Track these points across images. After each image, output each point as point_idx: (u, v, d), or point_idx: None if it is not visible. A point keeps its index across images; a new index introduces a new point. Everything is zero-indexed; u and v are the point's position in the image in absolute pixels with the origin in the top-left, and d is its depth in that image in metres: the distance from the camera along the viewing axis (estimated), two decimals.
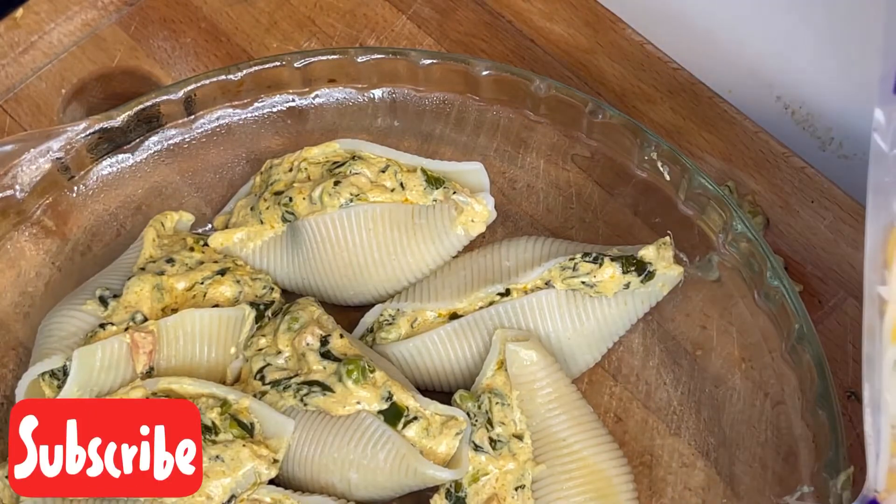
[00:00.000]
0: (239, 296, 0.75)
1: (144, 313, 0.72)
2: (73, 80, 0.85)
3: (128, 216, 0.80)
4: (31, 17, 0.87)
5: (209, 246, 0.77)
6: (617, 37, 0.86)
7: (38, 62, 0.86)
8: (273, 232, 0.76)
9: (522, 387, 0.71)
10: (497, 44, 0.86)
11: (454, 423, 0.70)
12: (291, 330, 0.72)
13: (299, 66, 0.79)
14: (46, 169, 0.77)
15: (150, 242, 0.76)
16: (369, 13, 0.87)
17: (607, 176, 0.79)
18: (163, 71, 0.86)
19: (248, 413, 0.70)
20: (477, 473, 0.69)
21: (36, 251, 0.78)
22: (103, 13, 0.88)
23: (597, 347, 0.74)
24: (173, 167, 0.81)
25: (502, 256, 0.75)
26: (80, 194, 0.79)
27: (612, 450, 0.71)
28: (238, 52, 0.86)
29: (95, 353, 0.70)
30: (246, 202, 0.78)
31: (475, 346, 0.73)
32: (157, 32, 0.87)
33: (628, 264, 0.73)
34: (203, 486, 0.66)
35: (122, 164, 0.80)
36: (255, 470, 0.68)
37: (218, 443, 0.68)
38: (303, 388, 0.70)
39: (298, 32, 0.87)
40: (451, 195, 0.76)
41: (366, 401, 0.69)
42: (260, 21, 0.87)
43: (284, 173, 0.77)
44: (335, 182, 0.74)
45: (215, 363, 0.73)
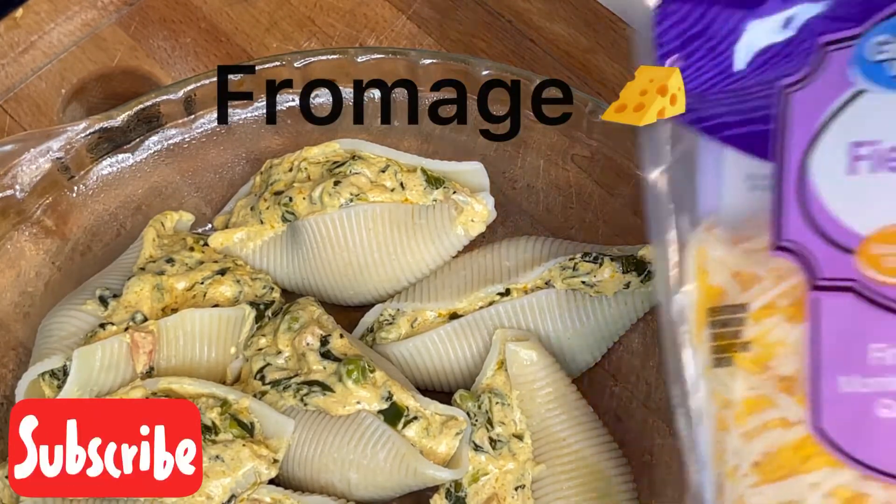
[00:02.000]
0: (239, 296, 0.74)
1: (144, 313, 0.72)
2: (73, 80, 0.85)
3: (128, 216, 0.80)
4: (31, 16, 0.87)
5: (209, 246, 0.77)
6: (617, 37, 0.86)
7: (38, 62, 0.86)
8: (273, 232, 0.76)
9: (522, 387, 0.71)
10: (497, 44, 0.86)
11: (454, 423, 0.70)
12: (291, 330, 0.72)
13: (299, 66, 0.79)
14: (46, 169, 0.77)
15: (150, 242, 0.76)
16: (369, 13, 0.87)
17: (607, 176, 0.79)
18: (163, 71, 0.85)
19: (248, 413, 0.70)
20: (477, 473, 0.69)
21: (36, 251, 0.78)
22: (103, 13, 0.88)
23: (597, 347, 0.74)
24: (173, 167, 0.81)
25: (502, 256, 0.75)
26: (80, 194, 0.79)
27: (612, 450, 0.71)
28: (238, 52, 0.86)
29: (95, 353, 0.70)
30: (246, 202, 0.78)
31: (475, 346, 0.73)
32: (157, 32, 0.87)
33: (628, 264, 0.73)
34: (203, 486, 0.66)
35: (122, 163, 0.80)
36: (255, 470, 0.68)
37: (218, 443, 0.68)
38: (303, 387, 0.70)
39: (298, 32, 0.87)
40: (451, 195, 0.76)
41: (366, 401, 0.69)
42: (260, 21, 0.87)
43: (284, 173, 0.77)
44: (335, 182, 0.74)
45: (215, 363, 0.73)
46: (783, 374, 0.55)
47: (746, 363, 0.56)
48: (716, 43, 0.60)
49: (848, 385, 0.53)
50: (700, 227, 0.59)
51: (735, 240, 0.58)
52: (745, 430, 0.56)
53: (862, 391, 0.53)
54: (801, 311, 0.55)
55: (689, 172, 0.61)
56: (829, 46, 0.57)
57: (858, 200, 0.55)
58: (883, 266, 0.53)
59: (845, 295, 0.54)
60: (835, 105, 0.56)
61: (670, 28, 0.61)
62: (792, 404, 0.55)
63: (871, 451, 0.52)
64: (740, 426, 0.56)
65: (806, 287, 0.55)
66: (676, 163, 0.61)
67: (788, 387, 0.55)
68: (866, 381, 0.53)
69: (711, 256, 0.58)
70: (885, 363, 0.53)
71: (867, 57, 0.56)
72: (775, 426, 0.55)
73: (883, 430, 0.52)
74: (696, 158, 0.61)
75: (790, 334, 0.55)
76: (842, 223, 0.55)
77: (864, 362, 0.53)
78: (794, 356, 0.55)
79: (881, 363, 0.53)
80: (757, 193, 0.58)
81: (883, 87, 0.56)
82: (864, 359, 0.53)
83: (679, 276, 0.59)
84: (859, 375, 0.53)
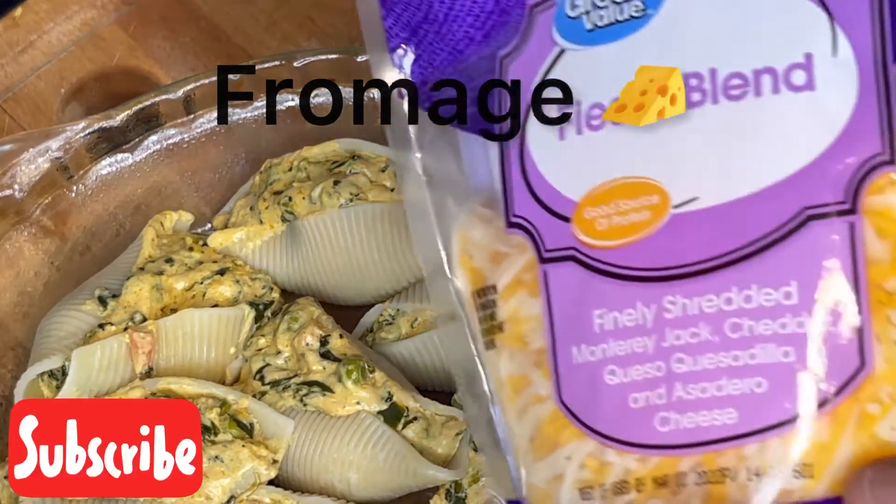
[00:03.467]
0: (238, 296, 0.74)
1: (143, 313, 0.72)
2: (73, 80, 0.85)
3: (127, 216, 0.80)
4: (30, 16, 0.87)
5: (208, 246, 0.77)
6: None
7: (37, 61, 0.86)
8: (273, 232, 0.76)
9: None
10: None
11: (454, 423, 0.70)
12: (291, 330, 0.72)
13: (299, 66, 0.79)
14: (45, 168, 0.76)
15: (150, 242, 0.76)
16: None
17: None
18: (162, 70, 0.85)
19: (248, 413, 0.70)
20: (477, 474, 0.69)
21: (35, 251, 0.78)
22: (102, 12, 0.88)
23: None
24: (173, 167, 0.80)
25: None
26: (80, 194, 0.79)
27: None
28: (238, 52, 0.86)
29: (94, 353, 0.70)
30: (245, 202, 0.78)
31: None
32: (157, 32, 0.87)
33: None
34: (202, 487, 0.66)
35: (121, 163, 0.80)
36: (254, 470, 0.68)
37: (217, 443, 0.68)
38: (302, 388, 0.70)
39: (298, 32, 0.87)
40: None
41: (365, 401, 0.69)
42: (259, 20, 0.87)
43: (284, 173, 0.77)
44: (335, 182, 0.74)
45: (215, 363, 0.73)
46: (536, 349, 0.54)
47: (507, 342, 0.55)
48: (439, 25, 0.59)
49: (579, 355, 0.52)
50: (462, 209, 0.58)
51: (489, 218, 0.57)
52: (516, 410, 0.55)
53: (591, 360, 0.52)
54: (538, 285, 0.54)
55: (444, 154, 0.60)
56: (535, 9, 0.56)
57: (569, 165, 0.53)
58: (596, 230, 0.52)
59: (567, 264, 0.53)
60: (542, 70, 0.55)
61: (397, 19, 0.60)
62: (541, 379, 0.54)
63: (602, 419, 0.51)
64: (512, 406, 0.55)
65: (536, 261, 0.54)
66: (429, 146, 0.60)
67: (539, 362, 0.54)
68: (593, 350, 0.52)
69: (472, 238, 0.57)
70: (606, 329, 0.51)
71: (567, 13, 0.55)
72: (535, 402, 0.54)
73: (610, 396, 0.51)
74: (450, 141, 0.60)
75: (534, 308, 0.54)
76: (559, 191, 0.53)
77: (590, 330, 0.52)
78: (540, 331, 0.54)
79: (603, 329, 0.51)
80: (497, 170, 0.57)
81: (580, 43, 0.54)
82: (590, 327, 0.52)
83: (449, 263, 0.59)
84: (587, 344, 0.52)
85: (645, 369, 0.50)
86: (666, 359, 0.50)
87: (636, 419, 0.50)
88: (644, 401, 0.50)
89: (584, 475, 0.52)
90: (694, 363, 0.49)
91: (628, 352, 0.51)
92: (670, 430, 0.50)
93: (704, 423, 0.49)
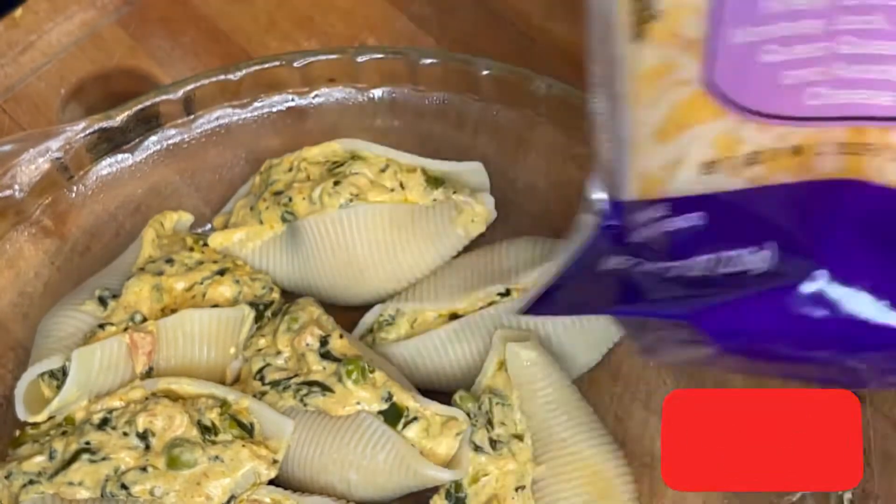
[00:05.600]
0: (238, 296, 0.74)
1: (143, 313, 0.72)
2: (72, 80, 0.85)
3: (127, 216, 0.80)
4: (29, 16, 0.87)
5: (208, 246, 0.77)
6: None
7: (36, 62, 0.86)
8: (273, 232, 0.76)
9: (522, 387, 0.71)
10: (497, 43, 0.86)
11: (454, 423, 0.70)
12: (291, 330, 0.72)
13: (299, 66, 0.79)
14: (45, 169, 0.76)
15: (150, 242, 0.76)
16: (369, 13, 0.87)
17: None
18: (162, 70, 0.85)
19: (248, 413, 0.70)
20: (477, 474, 0.69)
21: (35, 251, 0.78)
22: (102, 13, 0.88)
23: (597, 347, 0.74)
24: (172, 167, 0.80)
25: (502, 256, 0.75)
26: (80, 194, 0.79)
27: (612, 450, 0.71)
28: (237, 52, 0.86)
29: (94, 353, 0.70)
30: (245, 202, 0.78)
31: (475, 346, 0.73)
32: (157, 32, 0.87)
33: None
34: (202, 487, 0.66)
35: (121, 163, 0.80)
36: (254, 470, 0.68)
37: (217, 443, 0.68)
38: (302, 388, 0.70)
39: (298, 32, 0.87)
40: (451, 195, 0.76)
41: (366, 401, 0.69)
42: (259, 20, 0.87)
43: (284, 173, 0.77)
44: (335, 182, 0.74)
45: (215, 363, 0.73)
46: (688, 37, 0.57)
47: (657, 32, 0.58)
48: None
49: (740, 36, 0.55)
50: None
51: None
52: (650, 98, 0.58)
53: (750, 40, 0.55)
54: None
55: None
56: None
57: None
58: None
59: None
60: None
61: None
62: (690, 61, 0.56)
63: (750, 93, 0.55)
64: (646, 96, 0.58)
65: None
66: None
67: (690, 46, 0.57)
68: (756, 31, 0.55)
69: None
70: (775, 10, 0.54)
71: None
72: (675, 86, 0.57)
73: (763, 72, 0.54)
74: None
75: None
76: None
77: (755, 12, 0.55)
78: (698, 18, 0.56)
79: (768, 11, 0.55)
80: None
81: None
82: (755, 8, 0.55)
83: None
84: (750, 25, 0.55)
85: (807, 49, 0.54)
86: (832, 39, 0.53)
87: (787, 94, 0.54)
88: (797, 78, 0.54)
89: (710, 153, 0.55)
90: (862, 46, 0.53)
91: (793, 33, 0.54)
92: (821, 104, 0.53)
93: (858, 100, 0.52)
